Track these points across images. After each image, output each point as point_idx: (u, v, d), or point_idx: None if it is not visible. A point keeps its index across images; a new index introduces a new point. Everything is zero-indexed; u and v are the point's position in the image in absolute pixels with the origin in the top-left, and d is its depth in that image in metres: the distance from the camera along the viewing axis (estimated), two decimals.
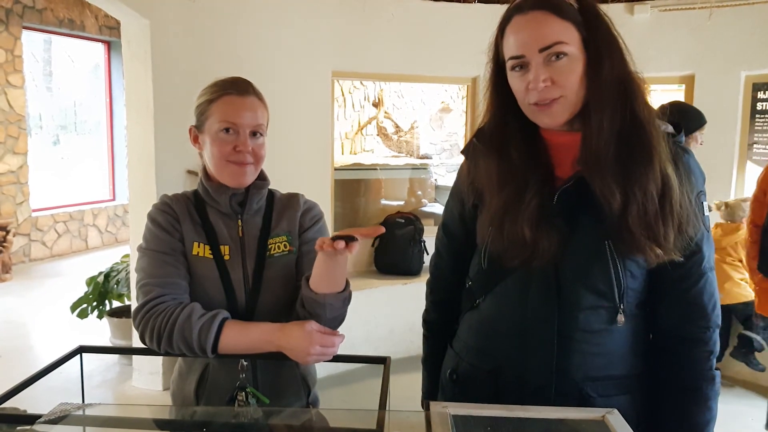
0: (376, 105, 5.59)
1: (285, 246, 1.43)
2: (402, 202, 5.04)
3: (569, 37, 1.12)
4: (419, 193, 5.15)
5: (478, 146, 1.29)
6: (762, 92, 4.12)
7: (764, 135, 4.12)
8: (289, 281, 1.43)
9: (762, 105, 4.13)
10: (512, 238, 1.18)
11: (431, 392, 1.51)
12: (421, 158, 5.46)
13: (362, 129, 5.61)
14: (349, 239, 1.12)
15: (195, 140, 1.44)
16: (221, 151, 1.36)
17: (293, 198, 1.51)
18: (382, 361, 1.28)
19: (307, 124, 3.90)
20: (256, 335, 1.28)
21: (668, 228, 1.13)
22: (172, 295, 1.32)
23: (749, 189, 4.14)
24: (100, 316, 4.16)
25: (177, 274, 1.35)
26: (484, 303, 1.31)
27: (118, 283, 4.04)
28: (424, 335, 1.54)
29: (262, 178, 1.45)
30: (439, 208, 5.04)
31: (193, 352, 1.27)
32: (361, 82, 5.42)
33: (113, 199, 8.55)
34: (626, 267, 1.18)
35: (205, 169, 1.44)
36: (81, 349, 1.33)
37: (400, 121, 5.58)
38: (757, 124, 4.13)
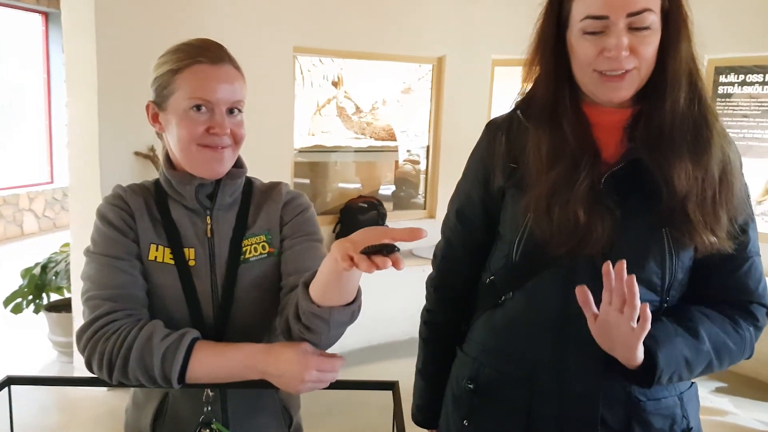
0: (335, 84, 5.35)
1: (263, 247, 1.19)
2: (359, 185, 4.86)
3: (655, 6, 1.03)
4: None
5: (520, 120, 1.15)
6: (724, 76, 4.14)
7: (726, 119, 4.14)
8: (268, 291, 1.18)
9: (724, 89, 4.15)
10: (563, 223, 1.05)
11: (430, 406, 1.34)
12: (383, 140, 5.28)
13: (321, 109, 5.38)
14: (390, 250, 0.82)
15: (154, 119, 1.17)
16: (191, 132, 1.10)
17: (274, 189, 1.25)
18: (390, 386, 1.07)
19: (266, 104, 3.65)
20: (236, 359, 1.03)
21: (724, 215, 1.06)
22: (126, 311, 1.07)
23: None
24: (36, 311, 3.84)
25: (132, 284, 1.10)
26: (512, 300, 1.16)
27: (57, 274, 3.72)
28: (423, 339, 1.37)
29: (238, 165, 1.21)
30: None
31: (154, 382, 1.03)
32: (320, 60, 5.17)
33: (51, 182, 8.11)
34: (680, 257, 1.08)
35: (167, 155, 1.19)
36: (9, 381, 1.07)
37: (361, 102, 5.37)
38: (718, 107, 4.14)
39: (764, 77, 4.29)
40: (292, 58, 3.87)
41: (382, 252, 0.81)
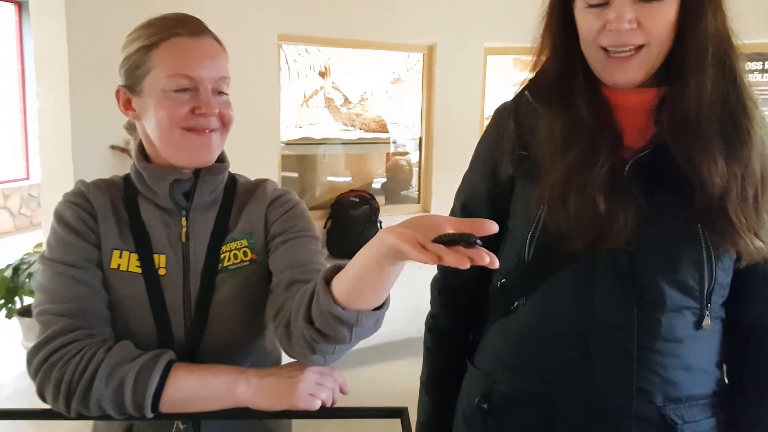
0: (322, 75, 5.18)
1: (245, 254, 1.03)
2: (350, 179, 4.71)
3: None
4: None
5: (529, 101, 1.04)
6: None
7: None
8: (249, 305, 1.03)
9: None
10: (580, 211, 0.94)
11: (436, 426, 1.20)
12: (374, 132, 5.14)
13: (308, 100, 5.21)
14: (469, 241, 0.66)
15: (127, 106, 1.02)
16: (173, 115, 0.95)
17: (259, 186, 1.10)
18: (398, 414, 0.91)
19: (250, 95, 3.50)
20: (220, 379, 0.90)
21: (767, 217, 0.96)
22: (86, 330, 0.91)
23: None
24: (9, 316, 3.66)
25: (91, 297, 0.95)
26: (526, 306, 1.04)
27: (30, 276, 3.54)
28: (428, 349, 1.23)
29: (219, 159, 1.05)
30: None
31: (122, 412, 0.88)
32: (306, 50, 5.00)
33: (27, 178, 7.87)
34: (719, 257, 0.97)
35: (141, 146, 1.03)
36: None
37: (349, 93, 5.21)
38: None
39: (764, 65, 4.19)
40: (277, 46, 3.70)
41: (460, 243, 0.65)
